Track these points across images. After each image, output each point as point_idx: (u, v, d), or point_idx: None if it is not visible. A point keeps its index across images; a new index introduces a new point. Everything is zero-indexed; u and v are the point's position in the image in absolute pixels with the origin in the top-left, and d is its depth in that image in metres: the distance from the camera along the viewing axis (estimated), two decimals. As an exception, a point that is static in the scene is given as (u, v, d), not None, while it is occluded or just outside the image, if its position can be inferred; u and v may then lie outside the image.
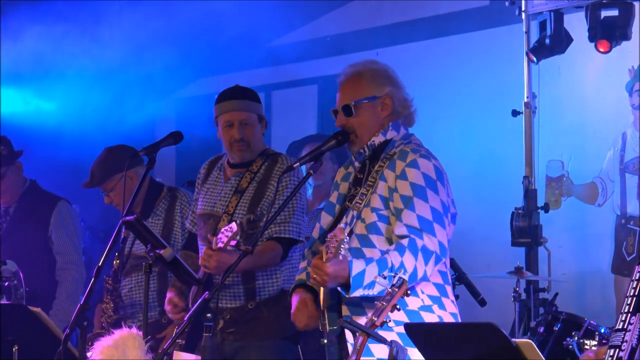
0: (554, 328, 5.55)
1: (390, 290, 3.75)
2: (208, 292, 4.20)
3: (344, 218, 4.33)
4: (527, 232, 6.49)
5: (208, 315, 4.24)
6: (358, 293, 4.05)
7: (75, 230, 6.53)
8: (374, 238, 4.22)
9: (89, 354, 4.31)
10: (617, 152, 6.93)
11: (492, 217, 7.15)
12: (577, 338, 5.36)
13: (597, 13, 6.41)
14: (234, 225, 4.79)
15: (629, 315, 3.29)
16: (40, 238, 6.42)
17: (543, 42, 6.57)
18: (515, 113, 6.67)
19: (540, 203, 6.63)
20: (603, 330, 5.31)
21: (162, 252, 4.75)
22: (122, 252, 5.90)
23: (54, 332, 4.99)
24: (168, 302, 5.20)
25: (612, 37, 6.39)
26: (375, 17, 8.17)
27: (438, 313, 4.24)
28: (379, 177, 4.28)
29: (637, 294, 3.31)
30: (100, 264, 4.43)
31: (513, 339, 3.36)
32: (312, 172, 4.33)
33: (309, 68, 8.54)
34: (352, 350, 3.74)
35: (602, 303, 6.84)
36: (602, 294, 6.89)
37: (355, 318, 3.99)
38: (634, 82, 6.84)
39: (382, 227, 4.23)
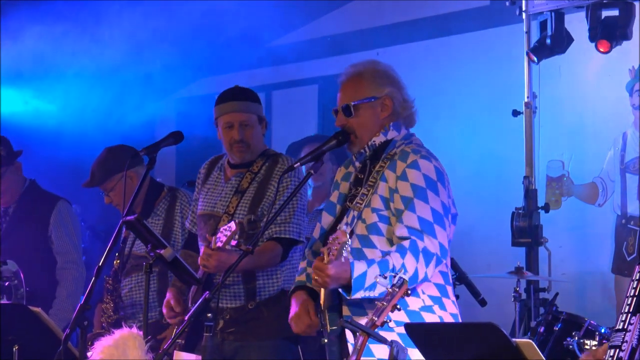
0: (555, 328, 5.55)
1: (391, 290, 3.75)
2: (208, 292, 4.20)
3: (345, 218, 4.32)
4: (527, 232, 6.49)
5: (208, 315, 4.24)
6: (359, 295, 4.05)
7: (75, 230, 6.52)
8: (375, 238, 4.22)
9: (89, 354, 4.31)
10: (617, 152, 6.93)
11: (492, 217, 7.15)
12: (577, 338, 5.36)
13: (597, 13, 6.41)
14: (233, 225, 4.78)
15: (629, 316, 3.28)
16: (40, 238, 6.41)
17: (544, 42, 6.57)
18: (516, 113, 6.67)
19: (541, 203, 6.63)
20: (603, 330, 5.30)
21: (162, 252, 4.74)
22: (122, 252, 5.90)
23: (55, 332, 4.99)
24: (165, 304, 5.18)
25: (612, 37, 6.39)
26: (376, 17, 8.16)
27: (439, 313, 4.23)
28: (380, 177, 4.27)
29: (637, 294, 3.30)
30: (101, 264, 4.43)
31: (513, 339, 3.36)
32: (312, 172, 4.33)
33: (310, 68, 8.53)
34: (352, 350, 3.74)
35: (602, 303, 6.84)
36: (602, 294, 6.89)
37: (356, 318, 3.99)
38: (635, 82, 6.84)
39: (382, 227, 4.22)
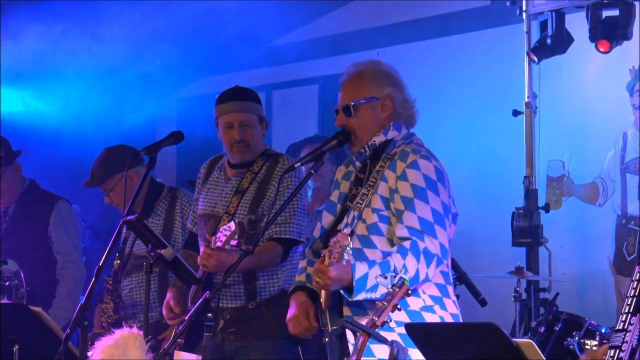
0: (555, 328, 5.55)
1: (391, 291, 3.75)
2: (209, 291, 4.20)
3: (345, 218, 4.32)
4: (527, 232, 6.49)
5: (209, 315, 4.23)
6: (361, 296, 4.04)
7: (75, 230, 6.51)
8: (375, 239, 4.21)
9: (90, 354, 4.31)
10: (617, 152, 6.93)
11: (492, 217, 7.15)
12: (577, 338, 5.36)
13: (598, 13, 6.41)
14: (233, 225, 4.78)
15: (629, 316, 3.28)
16: (40, 238, 6.41)
17: (544, 42, 6.57)
18: (516, 113, 6.67)
19: (541, 203, 6.63)
20: (604, 330, 5.30)
21: (162, 251, 4.74)
22: (122, 252, 5.89)
23: (55, 331, 4.99)
24: (165, 305, 5.18)
25: (612, 37, 6.39)
26: (376, 16, 8.16)
27: (439, 313, 4.23)
28: (380, 177, 4.27)
29: (637, 295, 3.30)
30: (101, 264, 4.42)
31: (514, 339, 3.36)
32: (313, 172, 4.32)
33: (310, 68, 8.53)
34: (353, 350, 3.74)
35: (602, 303, 6.84)
36: (602, 294, 6.88)
37: (357, 318, 3.99)
38: (635, 82, 6.84)
39: (383, 227, 4.22)
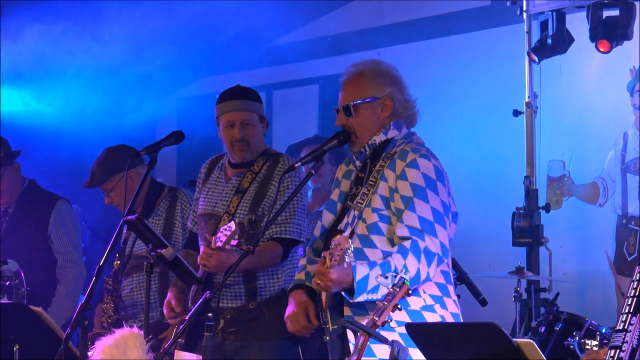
0: (555, 328, 5.55)
1: (392, 290, 3.75)
2: (209, 291, 4.20)
3: (346, 217, 4.32)
4: (528, 232, 6.49)
5: (209, 315, 4.23)
6: (362, 298, 4.04)
7: (75, 229, 6.51)
8: (375, 238, 4.21)
9: (90, 354, 4.31)
10: (618, 152, 6.93)
11: (493, 217, 7.15)
12: (578, 338, 5.36)
13: (598, 13, 6.41)
14: (233, 225, 4.78)
15: (630, 316, 3.28)
16: (40, 237, 6.40)
17: (544, 42, 6.57)
18: (517, 113, 6.67)
19: (542, 203, 6.63)
20: (604, 330, 5.30)
21: (163, 251, 4.74)
22: (122, 252, 5.89)
23: (55, 331, 4.99)
24: (166, 305, 5.18)
25: (612, 37, 6.39)
26: (376, 16, 8.16)
27: (440, 313, 4.23)
28: (380, 176, 4.27)
29: (637, 295, 3.30)
30: (101, 264, 4.42)
31: (514, 339, 3.36)
32: (313, 172, 4.32)
33: (310, 68, 8.53)
34: (353, 350, 3.73)
35: (603, 303, 6.84)
36: (603, 294, 6.88)
37: (357, 318, 3.98)
38: (635, 82, 6.84)
39: (383, 227, 4.22)
